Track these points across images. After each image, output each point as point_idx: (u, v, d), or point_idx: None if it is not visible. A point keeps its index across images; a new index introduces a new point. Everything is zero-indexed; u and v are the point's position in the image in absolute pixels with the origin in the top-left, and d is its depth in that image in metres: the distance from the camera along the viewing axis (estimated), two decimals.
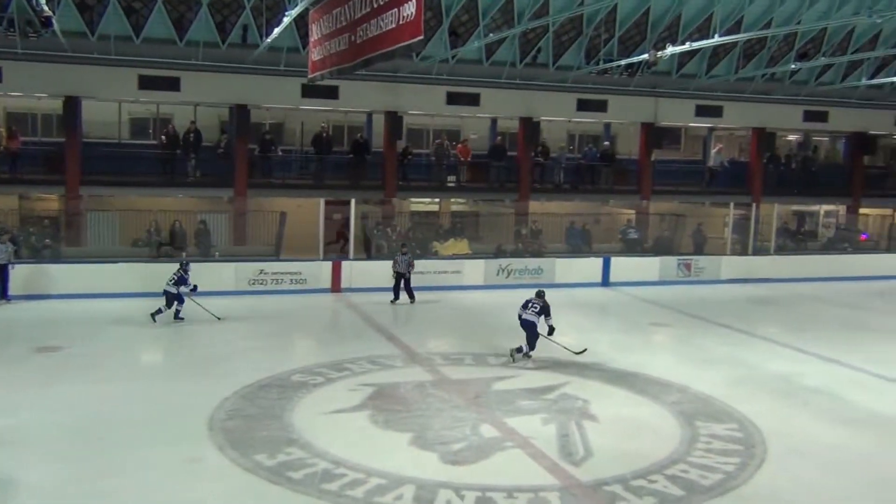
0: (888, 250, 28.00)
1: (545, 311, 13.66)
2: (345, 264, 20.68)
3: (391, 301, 19.09)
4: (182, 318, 16.22)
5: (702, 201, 29.21)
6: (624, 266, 23.04)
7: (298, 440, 9.84)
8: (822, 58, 24.78)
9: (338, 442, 9.78)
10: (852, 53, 25.12)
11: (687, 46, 19.99)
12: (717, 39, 20.03)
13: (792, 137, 32.66)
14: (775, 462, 9.70)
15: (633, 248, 25.07)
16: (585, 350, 14.30)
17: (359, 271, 20.67)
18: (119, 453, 9.27)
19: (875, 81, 25.99)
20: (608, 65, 23.54)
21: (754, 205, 25.69)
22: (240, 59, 22.43)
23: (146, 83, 22.62)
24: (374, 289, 19.89)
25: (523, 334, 13.76)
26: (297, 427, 10.31)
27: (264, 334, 15.88)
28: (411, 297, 19.12)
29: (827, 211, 31.68)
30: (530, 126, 26.26)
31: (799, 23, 23.34)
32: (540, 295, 13.96)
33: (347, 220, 21.45)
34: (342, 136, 27.39)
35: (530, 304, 13.77)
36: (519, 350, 13.74)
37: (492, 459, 9.51)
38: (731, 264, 24.16)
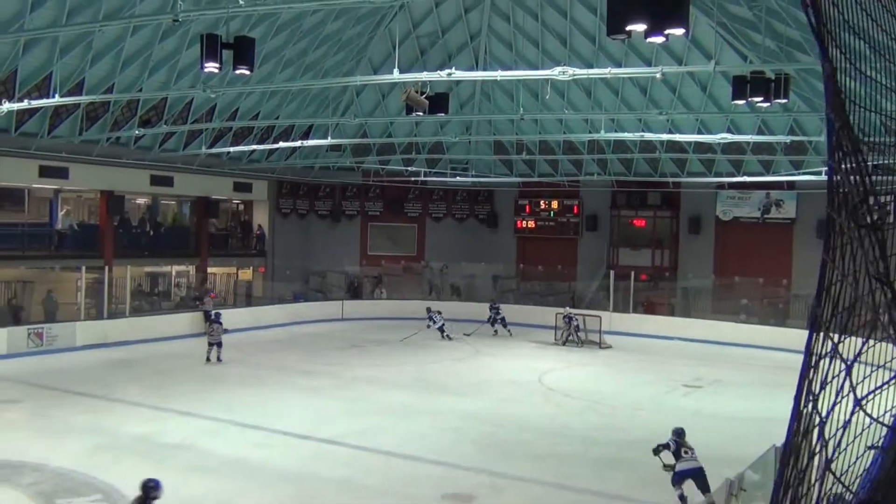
0: (235, 304, 30.59)
1: None
2: None
3: None
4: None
5: (52, 266, 27.80)
6: None
7: None
8: (165, 125, 25.98)
9: None
10: (192, 123, 26.89)
11: (26, 104, 19.02)
12: (58, 100, 19.47)
13: (142, 201, 33.34)
14: None
15: None
16: None
17: None
18: None
19: (214, 150, 28.21)
20: None
21: (107, 268, 25.46)
22: None
23: None
24: None
25: None
26: None
27: None
28: None
29: (178, 271, 33.06)
30: None
31: (141, 90, 24.12)
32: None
33: None
34: None
35: None
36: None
37: None
38: (87, 329, 23.46)
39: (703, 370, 22.03)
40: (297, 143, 28.70)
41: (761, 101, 15.69)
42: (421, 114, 16.93)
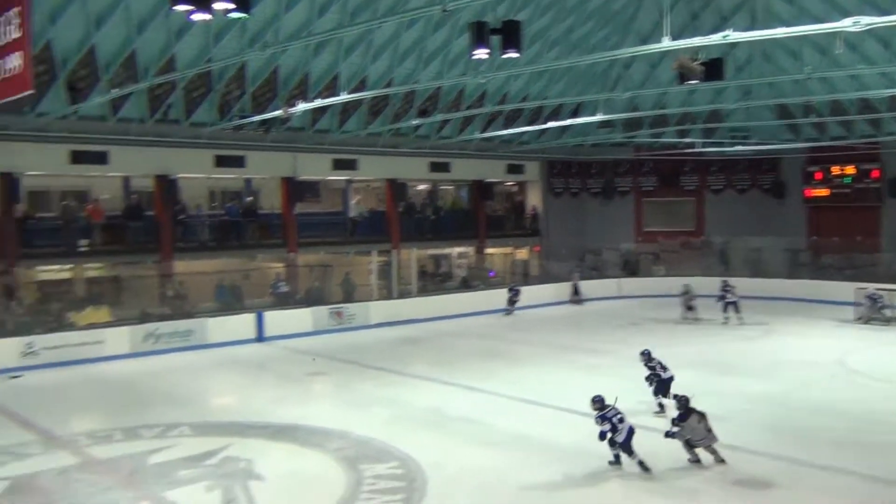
0: (513, 283, 31.37)
1: None
2: None
3: None
4: None
5: (346, 251, 30.21)
6: (277, 320, 23.03)
7: None
8: (440, 114, 27.11)
9: None
10: (465, 110, 27.82)
11: (317, 103, 20.69)
12: (344, 97, 20.96)
13: (423, 187, 35.15)
14: (434, 492, 10.24)
15: (284, 301, 25.14)
16: None
17: None
18: None
19: (486, 135, 29.00)
20: (243, 121, 23.53)
21: (394, 251, 27.18)
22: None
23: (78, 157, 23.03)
24: None
25: None
26: None
27: None
28: None
29: (459, 253, 34.47)
30: (167, 184, 25.23)
31: (416, 82, 25.35)
32: None
33: None
34: None
35: None
36: None
37: None
38: (379, 308, 25.25)
39: None
40: (567, 122, 28.60)
41: None
42: (695, 82, 16.13)
